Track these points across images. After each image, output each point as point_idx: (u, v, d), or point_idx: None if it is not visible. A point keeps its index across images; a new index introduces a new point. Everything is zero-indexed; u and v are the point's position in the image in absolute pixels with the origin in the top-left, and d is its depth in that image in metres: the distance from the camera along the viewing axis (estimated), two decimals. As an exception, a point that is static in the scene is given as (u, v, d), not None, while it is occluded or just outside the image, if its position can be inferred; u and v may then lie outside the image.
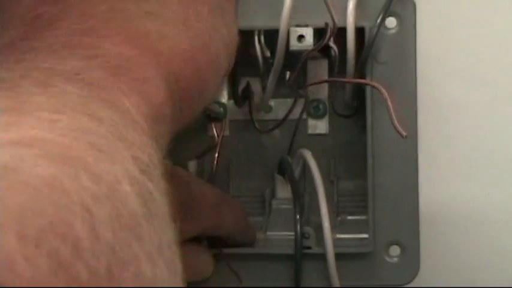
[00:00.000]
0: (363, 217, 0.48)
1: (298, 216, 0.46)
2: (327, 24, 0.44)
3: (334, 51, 0.46)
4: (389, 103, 0.44)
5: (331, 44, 0.45)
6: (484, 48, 0.48)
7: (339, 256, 0.46)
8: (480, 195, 0.50)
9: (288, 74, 0.48)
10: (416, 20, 0.47)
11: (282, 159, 0.50)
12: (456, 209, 0.49)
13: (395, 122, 0.43)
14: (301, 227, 0.46)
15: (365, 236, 0.47)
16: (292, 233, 0.47)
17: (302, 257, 0.46)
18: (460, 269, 0.50)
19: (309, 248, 0.47)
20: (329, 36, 0.44)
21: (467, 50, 0.48)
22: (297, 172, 0.50)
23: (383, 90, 0.44)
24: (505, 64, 0.49)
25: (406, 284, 0.47)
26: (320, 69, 0.52)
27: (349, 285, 0.47)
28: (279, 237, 0.50)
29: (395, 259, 0.47)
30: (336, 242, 0.47)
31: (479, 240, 0.51)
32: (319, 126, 0.52)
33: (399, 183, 0.47)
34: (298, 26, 0.45)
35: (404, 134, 0.43)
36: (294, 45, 0.45)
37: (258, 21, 0.47)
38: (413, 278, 0.47)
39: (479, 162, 0.50)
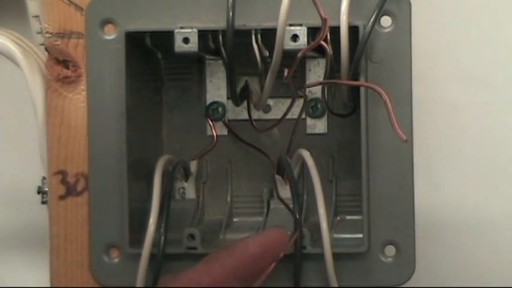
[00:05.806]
0: (362, 217, 0.48)
1: (297, 216, 0.46)
2: (325, 19, 0.44)
3: (328, 50, 0.46)
4: (390, 106, 0.43)
5: (323, 43, 0.45)
6: (480, 48, 0.48)
7: (334, 256, 0.46)
8: (475, 195, 0.49)
9: (285, 72, 0.48)
10: (412, 19, 0.47)
11: (281, 159, 0.50)
12: (451, 209, 0.48)
13: (396, 125, 0.43)
14: (300, 227, 0.46)
15: (361, 236, 0.47)
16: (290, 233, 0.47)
17: (302, 257, 0.46)
18: (455, 268, 0.49)
19: (304, 248, 0.46)
20: (321, 35, 0.44)
21: (464, 49, 0.47)
22: (295, 172, 0.50)
23: (383, 93, 0.44)
24: (501, 64, 0.48)
25: (402, 284, 0.47)
26: (319, 69, 0.52)
27: (344, 285, 0.47)
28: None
29: (390, 259, 0.47)
30: (332, 242, 0.47)
31: (474, 240, 0.50)
32: (318, 125, 0.52)
33: (395, 183, 0.47)
34: (292, 25, 0.45)
35: (404, 138, 0.43)
36: (288, 44, 0.45)
37: (255, 21, 0.47)
38: (409, 278, 0.47)
39: (474, 163, 0.49)
